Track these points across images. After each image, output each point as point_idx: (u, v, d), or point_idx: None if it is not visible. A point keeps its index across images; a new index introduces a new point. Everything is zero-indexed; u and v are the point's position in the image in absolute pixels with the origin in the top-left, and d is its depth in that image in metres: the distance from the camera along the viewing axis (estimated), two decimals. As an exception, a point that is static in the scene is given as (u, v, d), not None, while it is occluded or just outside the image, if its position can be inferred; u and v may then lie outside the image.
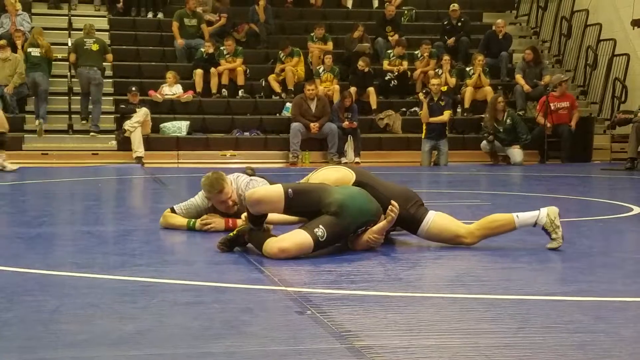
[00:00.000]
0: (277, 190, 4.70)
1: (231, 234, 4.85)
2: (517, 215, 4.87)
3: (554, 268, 4.60)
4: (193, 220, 5.69)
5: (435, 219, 4.95)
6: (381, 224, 4.81)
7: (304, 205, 4.71)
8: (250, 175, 5.80)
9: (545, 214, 4.79)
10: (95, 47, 14.39)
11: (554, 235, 4.83)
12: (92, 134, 14.23)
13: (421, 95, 14.50)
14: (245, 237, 4.79)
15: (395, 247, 5.13)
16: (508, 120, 14.05)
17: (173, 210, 5.80)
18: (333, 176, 5.03)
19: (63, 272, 4.29)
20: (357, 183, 4.96)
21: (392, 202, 4.77)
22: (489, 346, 2.91)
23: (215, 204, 5.60)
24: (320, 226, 4.60)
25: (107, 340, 2.97)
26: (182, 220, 5.72)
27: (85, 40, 14.52)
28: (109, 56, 14.69)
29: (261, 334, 3.07)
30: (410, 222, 4.89)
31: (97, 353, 2.82)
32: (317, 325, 3.18)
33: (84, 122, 14.38)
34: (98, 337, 3.01)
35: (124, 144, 13.85)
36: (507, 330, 3.16)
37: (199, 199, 5.76)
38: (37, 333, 3.08)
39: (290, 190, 4.66)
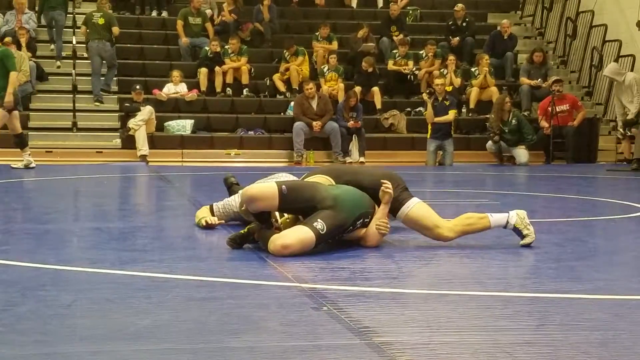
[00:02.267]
0: (271, 187, 4.69)
1: (242, 230, 4.82)
2: (491, 215, 4.99)
3: (569, 266, 4.57)
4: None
5: (417, 206, 4.98)
6: (381, 207, 4.83)
7: (298, 201, 4.70)
8: (230, 184, 5.80)
9: (515, 214, 4.94)
10: (101, 21, 14.78)
11: (525, 232, 4.93)
12: (101, 91, 14.68)
13: (425, 96, 14.46)
14: (255, 236, 4.76)
15: (407, 244, 5.10)
16: (513, 121, 13.99)
17: (211, 208, 5.73)
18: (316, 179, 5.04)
19: (76, 268, 4.26)
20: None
21: (382, 181, 4.85)
22: (510, 343, 2.89)
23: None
24: (319, 220, 4.60)
25: (124, 334, 2.94)
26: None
27: (93, 14, 14.94)
28: (115, 29, 14.95)
29: (279, 330, 3.05)
30: (392, 203, 4.89)
31: (115, 347, 2.79)
32: (334, 322, 3.15)
33: (97, 103, 14.66)
34: (115, 331, 2.99)
35: (129, 142, 13.81)
36: (527, 327, 3.14)
37: (235, 201, 5.57)
38: (53, 327, 3.05)
39: (284, 187, 4.67)
